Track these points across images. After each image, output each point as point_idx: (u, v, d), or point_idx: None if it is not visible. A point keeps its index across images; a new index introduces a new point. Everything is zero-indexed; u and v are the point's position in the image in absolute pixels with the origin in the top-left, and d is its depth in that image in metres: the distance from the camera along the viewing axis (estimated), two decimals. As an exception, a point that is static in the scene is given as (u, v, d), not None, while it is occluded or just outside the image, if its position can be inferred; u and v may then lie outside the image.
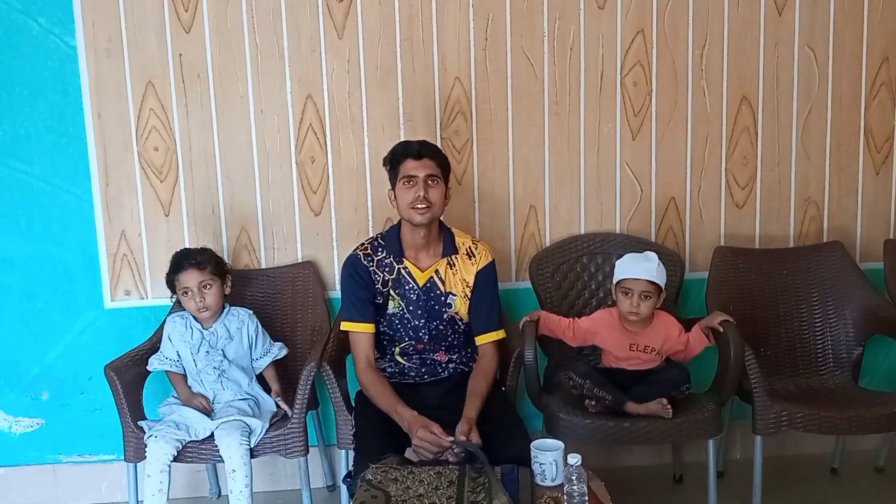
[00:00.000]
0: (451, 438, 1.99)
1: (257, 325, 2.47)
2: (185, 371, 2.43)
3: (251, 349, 2.46)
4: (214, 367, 2.40)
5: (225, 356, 2.41)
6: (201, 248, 2.48)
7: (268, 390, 2.47)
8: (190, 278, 2.36)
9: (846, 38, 2.75)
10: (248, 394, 2.43)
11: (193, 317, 2.42)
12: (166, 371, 2.42)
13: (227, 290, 2.44)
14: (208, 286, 2.37)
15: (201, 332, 2.41)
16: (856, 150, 2.81)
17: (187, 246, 2.65)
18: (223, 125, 2.63)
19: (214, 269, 2.40)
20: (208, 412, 2.34)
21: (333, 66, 2.63)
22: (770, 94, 2.75)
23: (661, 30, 2.69)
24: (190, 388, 2.41)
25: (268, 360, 2.47)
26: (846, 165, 2.81)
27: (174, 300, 2.50)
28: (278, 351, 2.49)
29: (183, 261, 2.39)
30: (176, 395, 2.42)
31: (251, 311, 2.49)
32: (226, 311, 2.45)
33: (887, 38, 2.75)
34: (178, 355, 2.41)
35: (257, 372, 2.48)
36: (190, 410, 2.33)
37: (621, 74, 2.70)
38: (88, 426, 2.74)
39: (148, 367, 2.41)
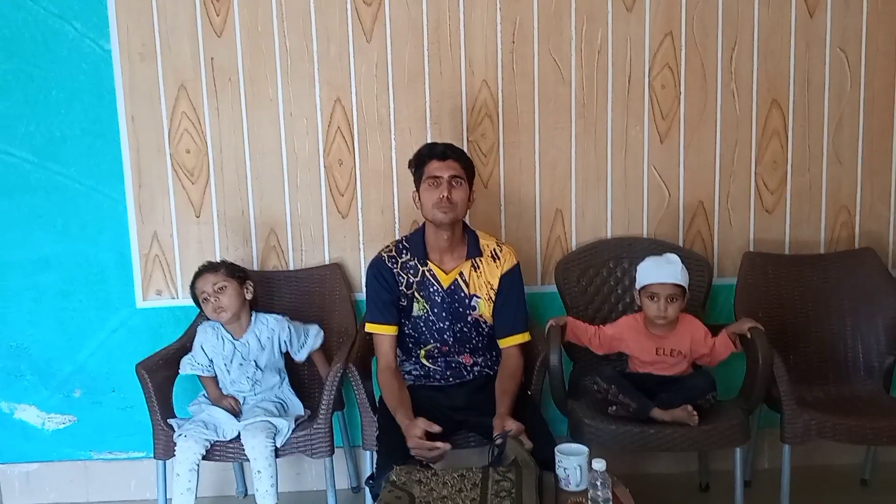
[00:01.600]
0: (448, 446, 2.02)
1: (289, 329, 2.49)
2: (216, 374, 2.46)
3: (288, 349, 2.50)
4: (248, 378, 2.43)
5: (258, 366, 2.45)
6: (221, 261, 2.52)
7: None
8: (205, 282, 2.41)
9: (879, 40, 2.70)
10: (278, 397, 2.46)
11: (223, 327, 2.45)
12: (199, 376, 2.45)
13: (249, 295, 2.47)
14: (223, 288, 2.40)
15: (233, 343, 2.45)
16: (889, 154, 2.76)
17: (217, 246, 2.70)
18: (253, 128, 2.67)
19: (228, 271, 2.44)
20: (237, 413, 2.37)
21: (362, 70, 2.65)
22: (801, 97, 2.71)
23: (690, 32, 2.67)
24: (220, 389, 2.44)
25: (305, 352, 2.49)
26: (879, 170, 2.76)
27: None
28: (314, 341, 2.51)
29: (200, 269, 2.46)
30: (206, 394, 2.46)
31: (279, 316, 2.51)
32: (254, 319, 2.48)
33: (923, 40, 2.71)
34: (210, 361, 2.45)
35: (302, 361, 2.51)
36: (218, 410, 2.36)
37: (649, 77, 2.69)
38: (119, 424, 2.79)
39: (180, 370, 2.45)
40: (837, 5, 2.68)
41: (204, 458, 2.26)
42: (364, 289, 2.42)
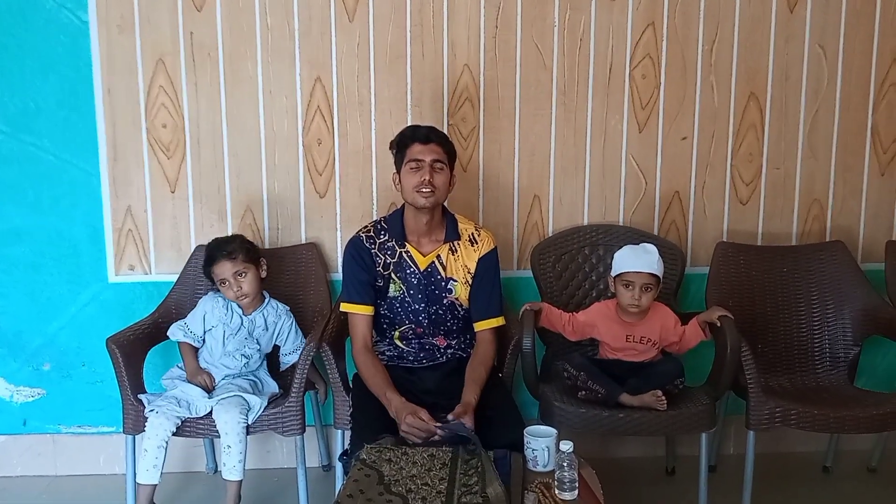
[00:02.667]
0: (439, 424, 2.00)
1: (293, 323, 2.52)
2: (200, 346, 2.46)
3: (281, 343, 2.51)
4: (242, 354, 2.43)
5: (259, 344, 2.46)
6: (231, 237, 2.51)
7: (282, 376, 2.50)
8: (224, 269, 2.40)
9: (857, 38, 2.74)
10: (255, 376, 2.46)
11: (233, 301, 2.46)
12: (179, 341, 2.45)
13: (263, 274, 2.48)
14: (243, 274, 2.41)
15: (241, 317, 2.45)
16: (862, 150, 2.81)
17: (192, 223, 2.68)
18: (231, 105, 2.65)
19: (246, 256, 2.43)
20: (209, 390, 2.37)
21: (343, 50, 2.64)
22: (779, 92, 2.75)
23: (672, 23, 2.68)
24: (199, 363, 2.43)
25: (295, 357, 2.48)
26: (852, 165, 2.81)
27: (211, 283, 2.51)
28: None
29: (215, 252, 2.43)
30: (181, 367, 2.45)
31: (289, 308, 2.53)
32: (266, 301, 2.50)
33: (898, 38, 2.75)
34: (203, 331, 2.44)
35: (284, 368, 2.53)
36: (192, 387, 2.35)
37: (630, 67, 2.70)
38: (89, 398, 2.77)
39: (169, 335, 2.45)
40: (817, 2, 2.71)
41: (174, 433, 2.26)
42: (341, 269, 2.42)
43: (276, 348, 2.55)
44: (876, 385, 2.76)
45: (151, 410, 2.27)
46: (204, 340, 2.46)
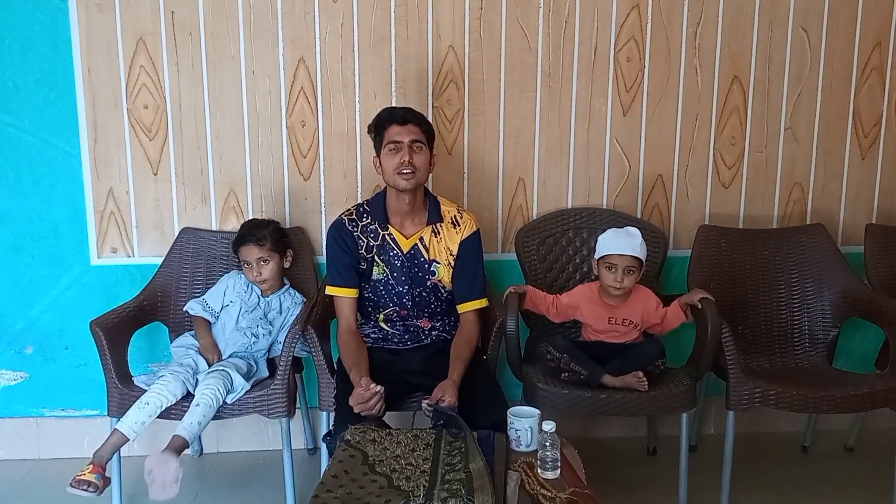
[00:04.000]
0: (426, 404, 2.02)
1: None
2: (214, 322, 2.50)
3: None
4: (253, 333, 2.45)
5: (271, 326, 2.49)
6: (266, 221, 2.55)
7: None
8: (250, 253, 2.46)
9: (840, 21, 2.75)
10: (254, 359, 2.47)
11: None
12: (194, 315, 2.48)
13: (287, 264, 2.54)
14: (266, 261, 2.47)
15: (259, 297, 2.50)
16: (843, 134, 2.83)
17: (175, 205, 2.66)
18: (214, 85, 2.62)
19: (274, 245, 2.48)
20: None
21: (327, 30, 2.62)
22: (762, 75, 2.76)
23: (657, 6, 2.68)
24: (213, 338, 2.46)
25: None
26: (833, 149, 2.83)
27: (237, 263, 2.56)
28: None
29: (246, 235, 2.48)
30: (193, 335, 2.48)
31: (305, 300, 2.55)
32: (285, 287, 2.54)
33: (880, 22, 2.76)
34: (221, 307, 2.48)
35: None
36: (202, 359, 2.39)
37: (615, 49, 2.70)
38: (72, 381, 2.76)
39: (187, 309, 2.49)
40: (801, -16, 2.72)
41: (160, 416, 2.25)
42: (325, 252, 2.41)
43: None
44: (854, 366, 2.81)
45: (162, 376, 2.27)
46: (218, 317, 2.49)
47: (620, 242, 2.35)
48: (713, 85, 2.75)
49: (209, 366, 2.38)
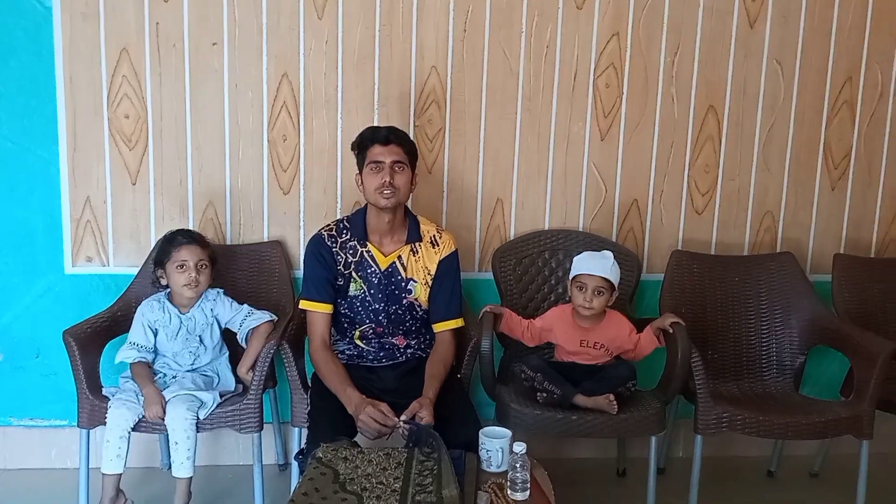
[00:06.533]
0: (403, 418, 2.03)
1: (231, 301, 2.48)
2: (155, 357, 2.42)
3: (234, 325, 2.47)
4: (190, 352, 2.42)
5: (202, 341, 2.44)
6: (199, 233, 2.51)
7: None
8: (192, 253, 2.38)
9: (813, 56, 2.83)
10: (215, 370, 2.45)
11: (169, 301, 2.43)
12: (131, 364, 2.37)
13: (212, 280, 2.47)
14: (204, 266, 2.41)
15: (179, 317, 2.42)
16: (814, 165, 2.90)
17: (153, 215, 2.66)
18: (196, 97, 2.63)
19: (211, 252, 2.44)
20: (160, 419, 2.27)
21: (311, 46, 2.64)
22: (736, 105, 2.82)
23: (636, 34, 2.74)
24: (155, 386, 2.31)
25: (252, 322, 2.44)
26: (804, 179, 2.90)
27: (153, 281, 2.46)
28: (250, 321, 2.45)
29: (186, 236, 2.41)
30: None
31: (219, 290, 2.49)
32: (203, 296, 2.46)
33: (851, 58, 2.84)
34: (153, 340, 2.41)
35: (245, 332, 2.45)
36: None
37: (594, 75, 2.75)
38: (42, 390, 2.73)
39: (120, 359, 2.38)
40: (777, 19, 2.79)
41: (132, 429, 2.24)
42: (302, 266, 2.42)
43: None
44: (820, 393, 2.86)
45: (112, 402, 2.25)
46: (155, 350, 2.43)
47: (592, 263, 2.40)
48: (689, 113, 2.81)
49: (151, 418, 2.24)
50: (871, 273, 2.81)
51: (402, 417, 2.06)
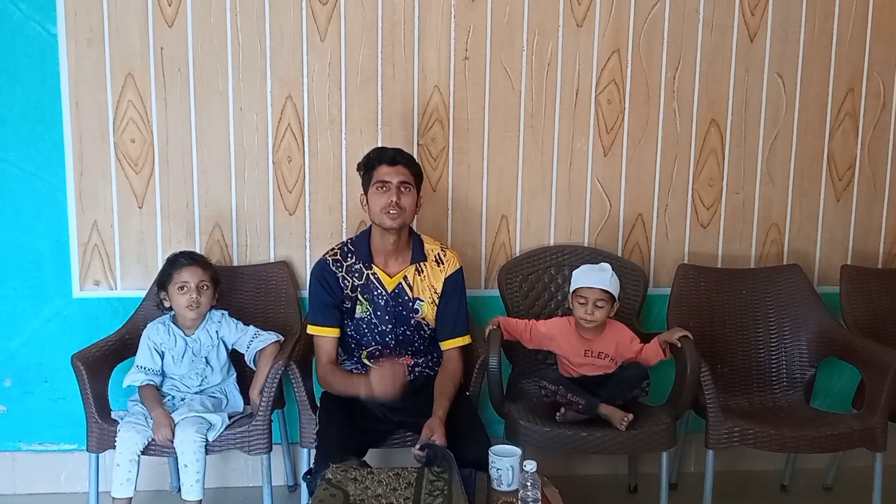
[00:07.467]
0: (417, 447, 2.03)
1: (236, 323, 2.48)
2: (162, 379, 2.42)
3: (241, 347, 2.47)
4: (197, 374, 2.42)
5: (208, 363, 2.44)
6: (202, 254, 2.52)
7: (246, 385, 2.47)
8: (193, 274, 2.39)
9: (814, 68, 2.84)
10: (223, 391, 2.45)
11: (173, 324, 2.43)
12: (139, 387, 2.38)
13: (215, 301, 2.47)
14: (206, 287, 2.41)
15: (185, 339, 2.43)
16: (818, 176, 2.90)
17: (159, 239, 2.67)
18: (201, 121, 2.65)
19: (213, 273, 2.45)
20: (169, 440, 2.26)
21: (315, 68, 2.66)
22: (738, 119, 2.83)
23: (637, 50, 2.75)
24: (164, 409, 2.31)
25: (259, 343, 2.44)
26: (808, 191, 2.90)
27: (157, 304, 2.47)
28: (276, 336, 2.46)
29: (187, 257, 2.42)
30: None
31: (224, 311, 2.50)
32: (207, 317, 2.46)
33: (853, 69, 2.85)
34: (161, 364, 2.41)
35: (252, 354, 2.45)
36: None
37: (596, 92, 2.76)
38: (51, 415, 2.73)
39: (128, 383, 2.39)
40: (776, 33, 2.80)
41: (141, 452, 2.24)
42: (308, 290, 2.42)
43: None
44: (831, 405, 2.84)
45: (122, 425, 2.25)
46: (163, 373, 2.43)
47: (591, 276, 2.41)
48: (691, 127, 2.82)
49: (161, 441, 2.25)
50: (878, 284, 2.80)
51: (416, 447, 2.05)
